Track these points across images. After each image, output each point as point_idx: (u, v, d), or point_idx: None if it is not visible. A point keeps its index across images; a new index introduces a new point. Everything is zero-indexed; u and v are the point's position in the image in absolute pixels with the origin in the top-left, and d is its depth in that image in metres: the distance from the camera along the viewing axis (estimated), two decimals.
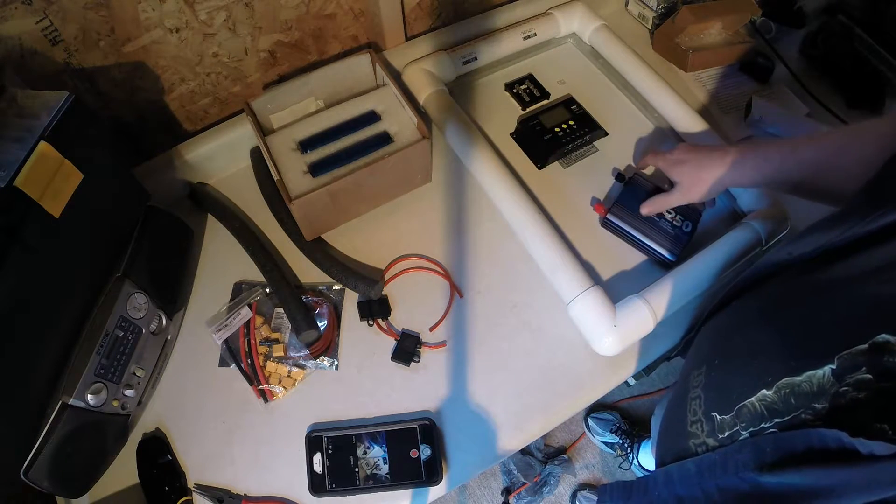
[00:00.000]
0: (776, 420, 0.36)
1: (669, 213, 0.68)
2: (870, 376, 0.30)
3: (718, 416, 0.41)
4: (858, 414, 0.30)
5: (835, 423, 0.31)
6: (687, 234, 0.67)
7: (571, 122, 0.78)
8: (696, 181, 0.60)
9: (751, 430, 0.38)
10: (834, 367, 0.32)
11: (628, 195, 0.69)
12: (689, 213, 0.69)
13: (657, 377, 1.39)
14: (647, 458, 1.19)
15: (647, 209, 0.66)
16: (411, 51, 0.81)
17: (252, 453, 0.58)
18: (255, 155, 0.74)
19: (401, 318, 0.66)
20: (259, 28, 0.71)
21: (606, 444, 1.29)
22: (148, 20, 0.62)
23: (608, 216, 0.69)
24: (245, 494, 0.56)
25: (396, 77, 0.79)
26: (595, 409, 1.34)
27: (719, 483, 0.38)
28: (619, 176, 0.74)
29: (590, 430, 1.31)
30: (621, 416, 1.32)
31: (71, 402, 0.50)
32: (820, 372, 0.33)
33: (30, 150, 0.47)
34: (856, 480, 0.29)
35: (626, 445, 1.24)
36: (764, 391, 0.36)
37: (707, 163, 0.59)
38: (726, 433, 0.40)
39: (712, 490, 0.39)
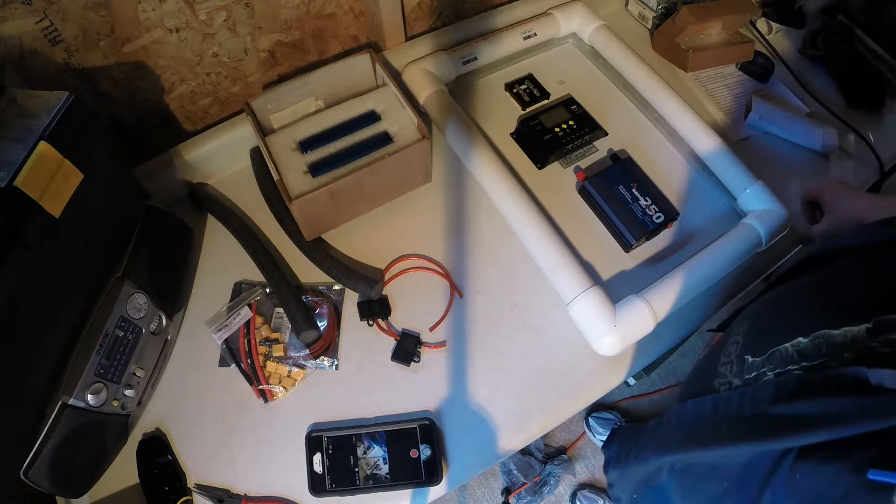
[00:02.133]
0: (804, 363, 0.38)
1: (646, 201, 0.70)
2: None
3: (750, 358, 0.43)
4: (880, 365, 0.32)
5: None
6: (655, 224, 0.69)
7: (571, 122, 0.78)
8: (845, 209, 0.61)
9: (777, 371, 0.39)
10: (870, 325, 0.34)
11: (613, 172, 0.73)
12: (668, 209, 0.70)
13: (657, 377, 1.39)
14: None
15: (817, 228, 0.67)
16: (411, 51, 0.81)
17: (252, 453, 0.58)
18: (255, 155, 0.74)
19: (401, 318, 0.66)
20: (259, 28, 0.71)
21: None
22: (148, 20, 0.62)
23: (586, 183, 0.72)
24: (245, 494, 0.56)
25: (396, 77, 0.79)
26: (596, 408, 1.34)
27: (731, 416, 0.40)
28: (614, 157, 0.76)
29: (590, 430, 1.31)
30: (622, 415, 1.32)
31: (71, 402, 0.50)
32: (856, 328, 0.35)
33: (30, 150, 0.47)
34: (861, 409, 0.31)
35: None
36: (800, 339, 0.38)
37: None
38: (753, 374, 0.42)
39: (723, 422, 0.41)
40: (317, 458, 0.56)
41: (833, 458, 0.32)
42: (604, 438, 1.28)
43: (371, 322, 0.65)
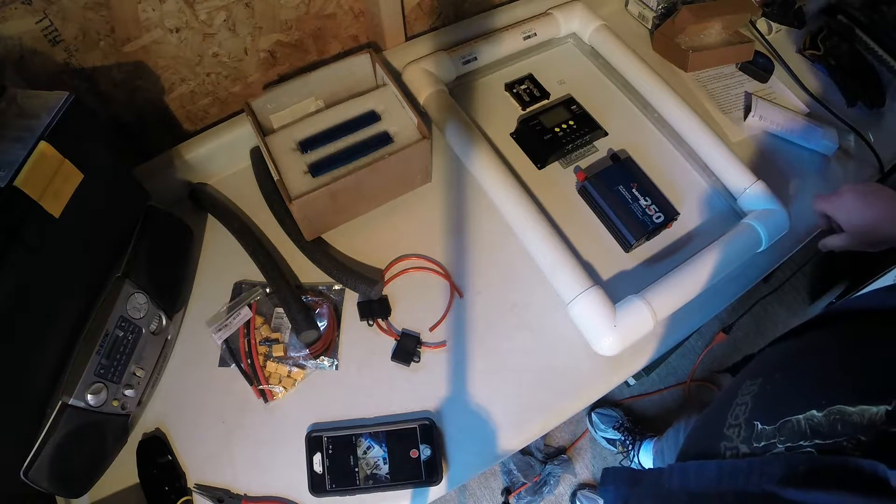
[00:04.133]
0: (816, 441, 0.36)
1: (646, 201, 0.70)
2: None
3: (760, 425, 0.41)
4: None
5: (874, 456, 0.31)
6: (655, 224, 0.69)
7: (571, 122, 0.78)
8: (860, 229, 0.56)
9: (788, 444, 0.38)
10: (889, 408, 0.33)
11: (613, 172, 0.73)
12: (668, 209, 0.70)
13: (657, 377, 1.39)
14: (647, 458, 1.19)
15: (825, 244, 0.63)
16: (411, 51, 0.81)
17: (252, 453, 0.58)
18: (255, 155, 0.74)
19: (401, 318, 0.66)
20: (259, 28, 0.71)
21: (608, 440, 1.29)
22: (148, 20, 0.62)
23: (586, 183, 0.72)
24: (245, 494, 0.56)
25: (396, 77, 0.79)
26: (598, 404, 1.34)
27: (738, 489, 0.38)
28: (614, 157, 0.76)
29: (592, 426, 1.31)
30: (624, 412, 1.32)
31: (71, 402, 0.50)
32: (875, 409, 0.33)
33: (30, 150, 0.47)
34: None
35: (627, 443, 1.24)
36: (814, 412, 0.37)
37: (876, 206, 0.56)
38: (762, 443, 0.40)
39: (729, 494, 0.39)
40: (317, 458, 0.56)
41: None
42: (605, 435, 1.28)
43: (371, 322, 0.65)
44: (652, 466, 1.14)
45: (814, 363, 0.43)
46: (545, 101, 0.82)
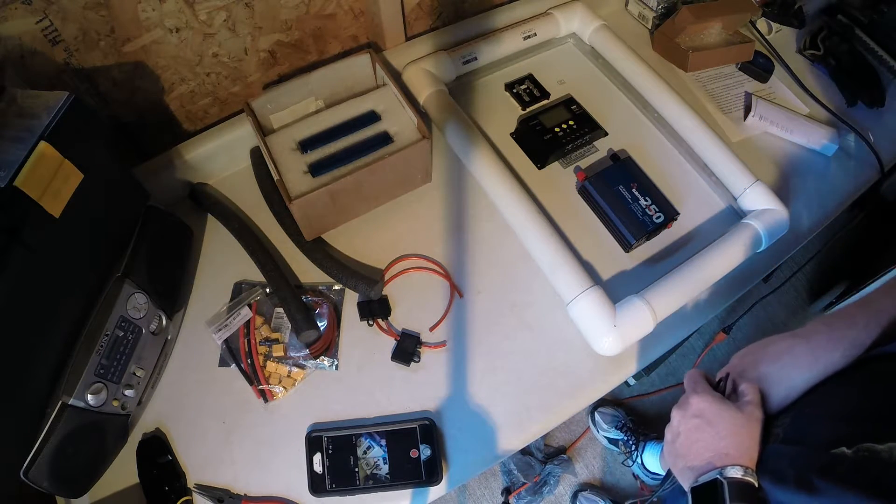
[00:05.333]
0: None
1: (646, 201, 0.70)
2: None
3: None
4: None
5: None
6: (655, 224, 0.69)
7: (571, 122, 0.78)
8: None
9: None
10: None
11: (613, 172, 0.73)
12: (668, 209, 0.70)
13: (657, 377, 1.39)
14: (651, 460, 1.19)
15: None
16: (411, 51, 0.81)
17: (252, 453, 0.58)
18: (255, 155, 0.74)
19: (401, 318, 0.66)
20: (259, 28, 0.71)
21: (610, 440, 1.28)
22: (148, 20, 0.62)
23: (586, 183, 0.72)
24: (245, 494, 0.56)
25: (396, 77, 0.79)
26: (600, 404, 1.34)
27: (777, 469, 0.39)
28: (614, 157, 0.76)
29: (594, 425, 1.31)
30: (626, 412, 1.32)
31: (71, 402, 0.50)
32: None
33: (30, 150, 0.47)
34: None
35: (630, 443, 1.24)
36: (844, 448, 0.36)
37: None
38: None
39: (766, 472, 0.40)
40: (317, 458, 0.56)
41: None
42: (607, 434, 1.28)
43: (371, 322, 0.65)
44: (660, 469, 1.13)
45: (844, 394, 0.43)
46: (545, 101, 0.82)
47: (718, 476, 0.40)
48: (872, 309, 0.45)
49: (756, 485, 0.40)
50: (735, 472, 0.40)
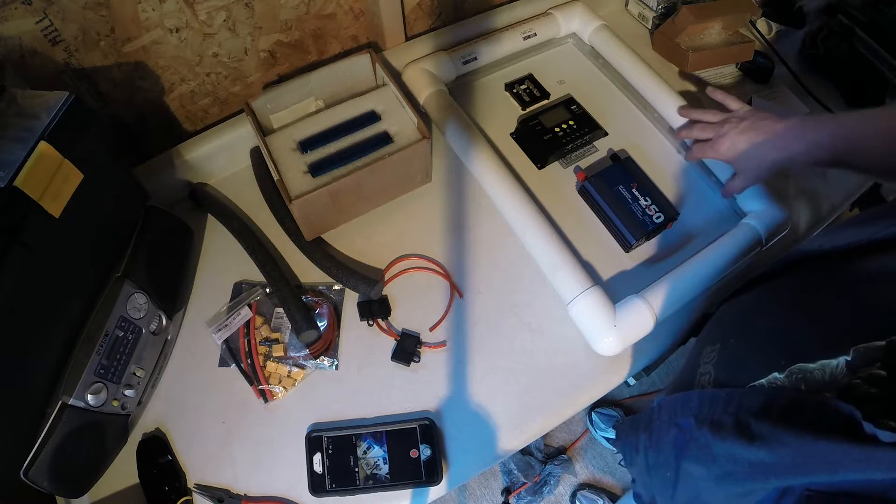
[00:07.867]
0: None
1: (646, 201, 0.70)
2: (883, 373, 0.30)
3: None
4: (867, 408, 0.30)
5: None
6: (655, 224, 0.69)
7: (571, 122, 0.78)
8: (741, 158, 0.60)
9: None
10: (849, 358, 0.32)
11: (613, 172, 0.72)
12: (668, 209, 0.70)
13: (657, 377, 1.39)
14: None
15: (692, 154, 0.68)
16: (411, 51, 0.81)
17: (252, 453, 0.58)
18: (255, 155, 0.74)
19: (401, 318, 0.66)
20: (259, 28, 0.71)
21: (608, 439, 1.29)
22: (148, 20, 0.62)
23: (586, 183, 0.72)
24: (245, 494, 0.56)
25: (396, 77, 0.79)
26: (599, 404, 1.34)
27: (715, 418, 0.38)
28: (614, 157, 0.76)
29: (592, 425, 1.31)
30: (624, 412, 1.32)
31: (71, 402, 0.50)
32: (834, 362, 0.32)
33: (30, 150, 0.47)
34: (852, 457, 0.29)
35: None
36: (776, 374, 0.36)
37: (752, 136, 0.59)
38: None
39: (706, 422, 0.39)
40: (317, 458, 0.56)
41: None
42: (605, 434, 1.28)
43: (371, 322, 0.65)
44: None
45: (766, 322, 0.42)
46: (545, 101, 0.82)
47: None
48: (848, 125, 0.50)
49: None
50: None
